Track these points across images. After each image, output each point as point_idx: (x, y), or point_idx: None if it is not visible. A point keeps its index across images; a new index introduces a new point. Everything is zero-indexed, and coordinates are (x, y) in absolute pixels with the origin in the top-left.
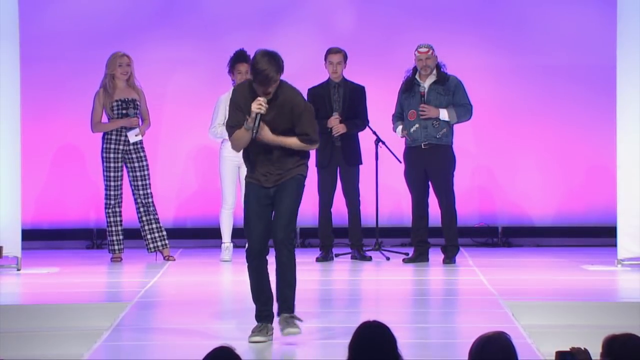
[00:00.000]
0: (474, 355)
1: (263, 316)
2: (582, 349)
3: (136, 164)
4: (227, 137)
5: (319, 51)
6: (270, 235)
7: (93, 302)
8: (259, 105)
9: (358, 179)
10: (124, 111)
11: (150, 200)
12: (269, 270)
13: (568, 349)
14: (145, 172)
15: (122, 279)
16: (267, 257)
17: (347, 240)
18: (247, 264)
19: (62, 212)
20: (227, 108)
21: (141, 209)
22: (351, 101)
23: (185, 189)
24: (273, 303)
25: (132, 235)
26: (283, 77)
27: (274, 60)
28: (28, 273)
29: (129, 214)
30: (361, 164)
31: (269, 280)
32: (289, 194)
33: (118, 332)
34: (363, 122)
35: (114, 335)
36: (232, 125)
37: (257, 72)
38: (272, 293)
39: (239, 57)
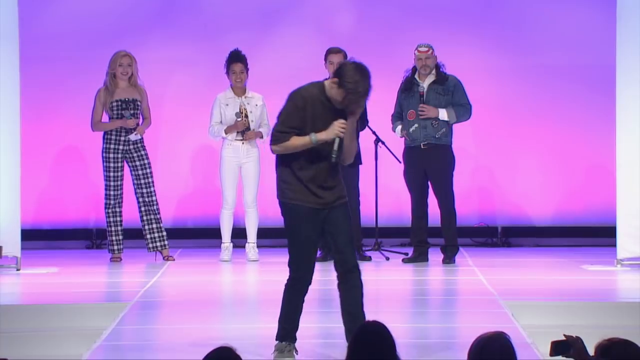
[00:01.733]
0: (474, 355)
1: (290, 336)
2: (575, 337)
3: (137, 163)
4: (224, 136)
5: (318, 51)
6: None
7: (93, 302)
8: (341, 128)
9: (358, 179)
10: (122, 112)
11: (153, 198)
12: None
13: (563, 338)
14: (148, 171)
15: (121, 279)
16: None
17: None
18: (287, 288)
19: (61, 212)
20: (222, 106)
21: (142, 208)
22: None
23: (185, 188)
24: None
25: (132, 235)
26: (283, 77)
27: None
28: (28, 273)
29: (129, 213)
30: (361, 164)
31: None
32: (346, 218)
33: (118, 332)
34: (363, 122)
35: (114, 335)
36: (286, 131)
37: (360, 92)
38: (299, 319)
39: (234, 57)
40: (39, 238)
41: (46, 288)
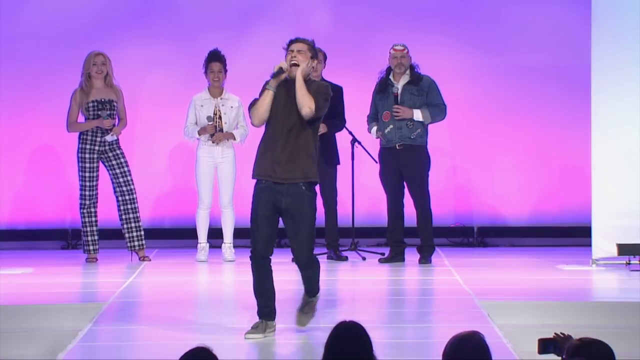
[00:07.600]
0: (448, 354)
1: (264, 313)
2: (566, 335)
3: (114, 162)
4: (197, 137)
5: None
6: (275, 239)
7: (68, 302)
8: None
9: (336, 179)
10: (99, 112)
11: (133, 196)
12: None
13: (551, 336)
14: (125, 169)
15: (97, 280)
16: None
17: (324, 240)
18: (251, 263)
19: (37, 212)
20: (197, 108)
21: (122, 207)
22: (330, 101)
23: (162, 189)
24: (275, 300)
25: (108, 235)
26: (259, 78)
27: None
28: (3, 274)
29: (104, 214)
30: (339, 164)
31: (272, 279)
32: (305, 218)
33: (93, 332)
34: (341, 122)
35: (89, 336)
36: None
37: None
38: (274, 290)
39: (212, 56)
40: (14, 238)
41: (21, 288)
